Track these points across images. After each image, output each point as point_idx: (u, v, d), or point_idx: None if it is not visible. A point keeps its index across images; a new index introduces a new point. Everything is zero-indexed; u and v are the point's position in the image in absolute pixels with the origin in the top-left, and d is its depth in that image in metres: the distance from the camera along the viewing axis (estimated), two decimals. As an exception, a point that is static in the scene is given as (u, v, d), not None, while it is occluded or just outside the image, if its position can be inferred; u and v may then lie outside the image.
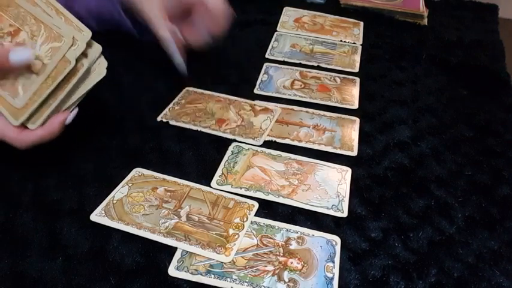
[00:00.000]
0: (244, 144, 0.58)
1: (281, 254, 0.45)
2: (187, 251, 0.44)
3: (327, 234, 0.47)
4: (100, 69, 0.49)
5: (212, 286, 0.42)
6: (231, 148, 0.57)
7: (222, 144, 0.57)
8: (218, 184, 0.52)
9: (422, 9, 0.87)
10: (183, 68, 0.63)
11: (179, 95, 0.65)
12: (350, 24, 0.85)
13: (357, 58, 0.76)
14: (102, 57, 0.49)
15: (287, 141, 0.58)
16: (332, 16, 0.87)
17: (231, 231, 0.46)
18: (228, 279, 0.42)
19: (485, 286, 0.44)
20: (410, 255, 0.46)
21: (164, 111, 0.62)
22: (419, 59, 0.76)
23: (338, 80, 0.70)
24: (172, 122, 0.60)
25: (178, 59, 0.62)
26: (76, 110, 0.50)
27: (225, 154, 0.56)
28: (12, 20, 0.47)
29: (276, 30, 0.82)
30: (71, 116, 0.49)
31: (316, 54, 0.76)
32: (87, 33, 0.47)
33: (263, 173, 0.54)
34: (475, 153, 0.59)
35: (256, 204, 0.50)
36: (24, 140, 0.46)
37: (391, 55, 0.77)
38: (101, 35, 0.50)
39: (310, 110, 0.64)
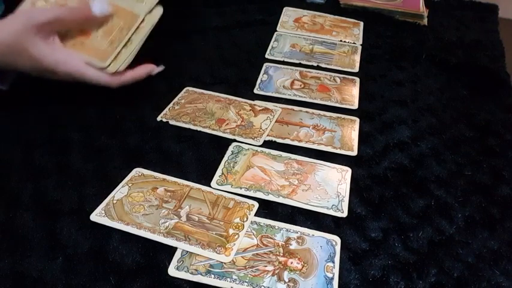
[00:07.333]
0: (244, 144, 0.58)
1: (281, 254, 0.45)
2: (187, 251, 0.44)
3: (327, 234, 0.47)
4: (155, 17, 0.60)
5: (212, 286, 0.42)
6: (231, 148, 0.57)
7: (222, 144, 0.57)
8: (218, 184, 0.52)
9: (422, 9, 0.87)
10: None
11: (179, 95, 0.65)
12: (350, 24, 0.85)
13: (357, 58, 0.76)
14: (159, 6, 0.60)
15: (287, 141, 0.58)
16: (332, 16, 0.87)
17: (231, 231, 0.46)
18: (228, 279, 0.42)
19: (485, 286, 0.44)
20: (410, 255, 0.46)
21: (164, 111, 0.62)
22: (419, 59, 0.76)
23: (338, 80, 0.70)
24: (172, 122, 0.60)
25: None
26: (162, 67, 0.60)
27: (225, 154, 0.56)
28: None
29: (276, 30, 0.82)
30: (156, 70, 0.59)
31: (316, 54, 0.76)
32: None
33: (263, 173, 0.54)
34: (475, 153, 0.59)
35: (256, 204, 0.50)
36: (116, 79, 0.55)
37: (391, 55, 0.77)
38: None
39: (310, 110, 0.64)
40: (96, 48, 0.55)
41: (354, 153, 0.57)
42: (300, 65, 0.73)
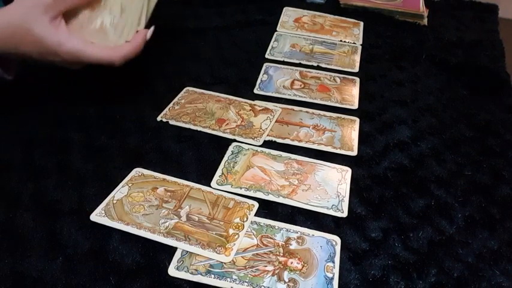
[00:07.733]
0: (244, 144, 0.58)
1: (281, 254, 0.45)
2: (187, 251, 0.45)
3: (327, 234, 0.47)
4: None
5: (212, 286, 0.42)
6: (231, 148, 0.57)
7: (222, 144, 0.57)
8: (218, 184, 0.52)
9: (422, 9, 0.87)
10: None
11: (179, 95, 0.65)
12: (350, 24, 0.85)
13: (357, 58, 0.76)
14: None
15: (287, 141, 0.58)
16: (332, 16, 0.87)
17: (231, 231, 0.46)
18: (228, 279, 0.42)
19: (485, 286, 0.44)
20: (410, 255, 0.46)
21: (164, 111, 0.62)
22: (419, 59, 0.76)
23: (338, 80, 0.70)
24: (172, 122, 0.60)
25: None
26: (153, 28, 0.57)
27: (225, 154, 0.56)
28: None
29: (276, 30, 0.82)
30: (150, 32, 0.57)
31: (316, 54, 0.76)
32: None
33: (263, 173, 0.54)
34: (475, 153, 0.59)
35: (256, 204, 0.50)
36: (118, 54, 0.54)
37: (391, 55, 0.77)
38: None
39: (310, 110, 0.64)
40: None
41: (354, 153, 0.57)
42: (300, 65, 0.73)
